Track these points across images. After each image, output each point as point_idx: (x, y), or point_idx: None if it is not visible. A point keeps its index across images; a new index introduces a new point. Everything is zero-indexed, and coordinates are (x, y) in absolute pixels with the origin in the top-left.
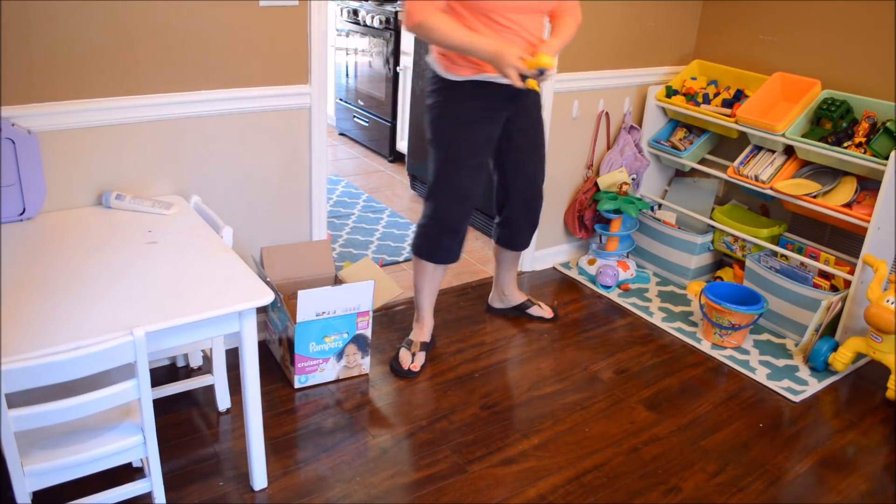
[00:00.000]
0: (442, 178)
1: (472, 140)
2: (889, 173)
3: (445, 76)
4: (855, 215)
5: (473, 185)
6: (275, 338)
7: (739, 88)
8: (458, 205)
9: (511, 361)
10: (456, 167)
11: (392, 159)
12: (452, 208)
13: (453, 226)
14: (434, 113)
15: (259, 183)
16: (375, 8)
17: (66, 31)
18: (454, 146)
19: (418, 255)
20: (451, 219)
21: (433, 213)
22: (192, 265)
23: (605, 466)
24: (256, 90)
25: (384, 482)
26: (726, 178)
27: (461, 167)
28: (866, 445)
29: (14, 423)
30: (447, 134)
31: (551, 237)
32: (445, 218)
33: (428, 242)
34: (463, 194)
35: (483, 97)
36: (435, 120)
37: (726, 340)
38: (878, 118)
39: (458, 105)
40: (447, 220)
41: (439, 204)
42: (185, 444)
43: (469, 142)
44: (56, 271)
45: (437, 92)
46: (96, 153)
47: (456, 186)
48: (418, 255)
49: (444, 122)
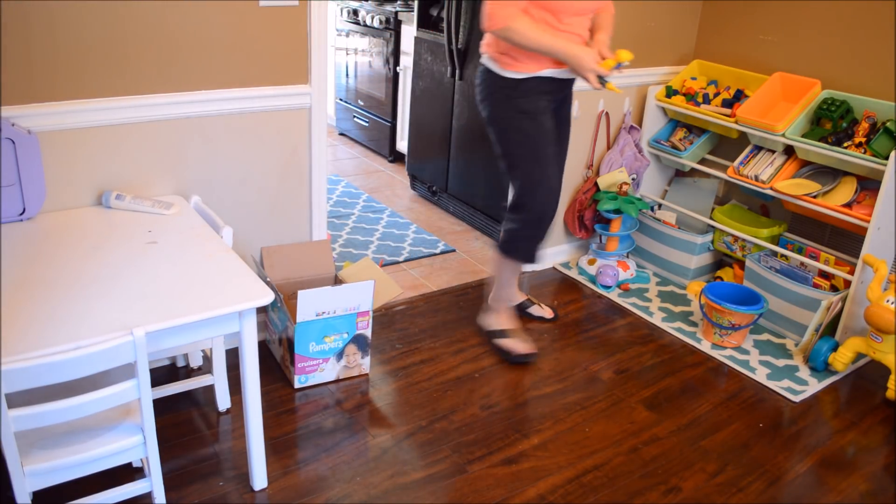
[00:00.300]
0: (529, 173)
1: (546, 130)
2: (889, 173)
3: (509, 75)
4: (855, 215)
5: (556, 174)
6: (275, 338)
7: (739, 88)
8: (551, 197)
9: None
10: (539, 161)
11: (392, 159)
12: (546, 202)
13: (549, 220)
14: (503, 113)
15: (259, 183)
16: (375, 8)
17: (66, 31)
18: (533, 140)
19: (514, 259)
20: (548, 213)
21: (529, 214)
22: (192, 265)
23: (605, 466)
24: (256, 90)
25: (384, 482)
26: (726, 178)
27: (539, 159)
28: (866, 445)
29: (14, 423)
30: (523, 130)
31: (551, 237)
32: (542, 215)
33: (526, 244)
34: (551, 185)
35: (543, 91)
36: (505, 120)
37: (726, 340)
38: (878, 118)
39: (526, 100)
40: (544, 216)
41: (534, 202)
42: (185, 444)
43: (543, 132)
44: (56, 271)
45: (501, 91)
46: (96, 153)
47: (545, 178)
48: (514, 259)
49: (517, 120)
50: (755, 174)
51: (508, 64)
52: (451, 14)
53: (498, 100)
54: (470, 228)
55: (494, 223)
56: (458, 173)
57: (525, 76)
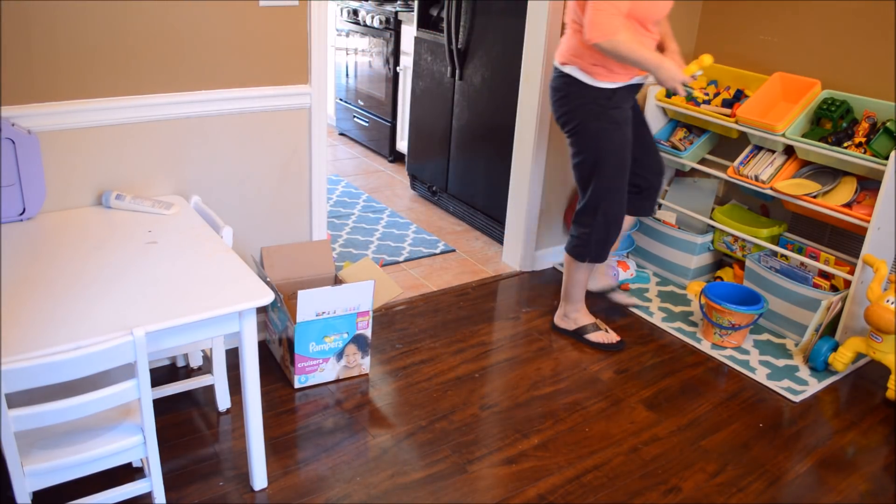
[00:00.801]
0: (609, 181)
1: (628, 140)
2: (889, 173)
3: (603, 85)
4: (855, 215)
5: (626, 181)
6: (275, 338)
7: (739, 88)
8: (622, 204)
9: (511, 361)
10: (620, 169)
11: (392, 159)
12: (619, 208)
13: (621, 223)
14: (595, 124)
15: (259, 183)
16: (375, 8)
17: (66, 31)
18: (620, 150)
19: (587, 261)
20: (619, 218)
21: (603, 218)
22: (192, 265)
23: (605, 466)
24: (256, 90)
25: (384, 482)
26: (726, 178)
27: (622, 167)
28: (866, 445)
29: (14, 423)
30: (614, 140)
31: (551, 237)
32: (615, 216)
33: (597, 247)
34: (623, 194)
35: (628, 98)
36: (597, 130)
37: (726, 340)
38: (878, 118)
39: (616, 109)
40: (616, 220)
41: (609, 207)
42: (185, 444)
43: (627, 142)
44: (56, 271)
45: (594, 102)
46: (96, 153)
47: (620, 187)
48: (587, 261)
49: (609, 131)
50: (755, 174)
51: (603, 75)
52: (451, 14)
53: (590, 110)
54: (470, 228)
55: (494, 223)
56: (458, 173)
57: (618, 86)
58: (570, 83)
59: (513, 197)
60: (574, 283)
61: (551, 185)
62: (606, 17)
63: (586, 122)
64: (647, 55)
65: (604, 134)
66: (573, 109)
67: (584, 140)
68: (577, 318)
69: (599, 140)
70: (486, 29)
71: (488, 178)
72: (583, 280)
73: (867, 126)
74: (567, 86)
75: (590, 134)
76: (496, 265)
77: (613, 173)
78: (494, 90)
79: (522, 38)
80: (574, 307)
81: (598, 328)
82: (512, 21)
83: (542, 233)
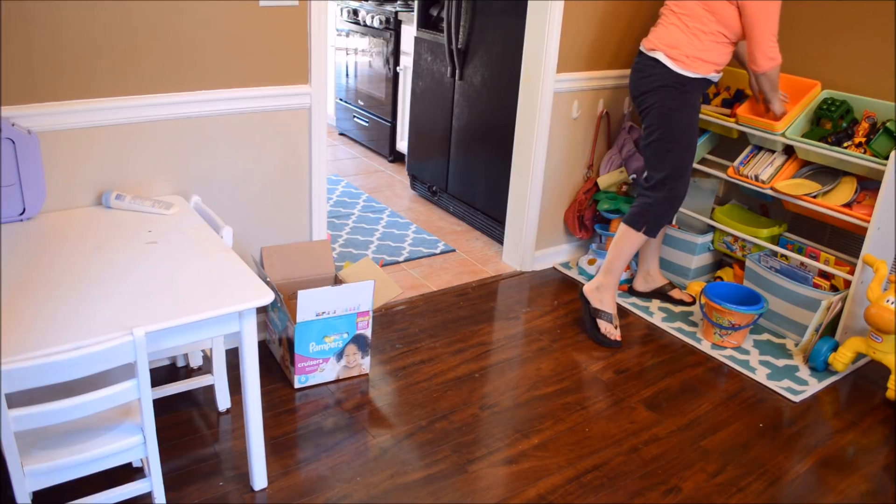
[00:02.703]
0: (680, 159)
1: (696, 125)
2: (889, 173)
3: (687, 74)
4: (855, 215)
5: (692, 162)
6: (275, 338)
7: (739, 88)
8: (686, 183)
9: (511, 361)
10: (690, 148)
11: (392, 159)
12: (683, 186)
13: (679, 202)
14: (668, 102)
15: (259, 183)
16: (375, 8)
17: (66, 31)
18: (690, 131)
19: (642, 230)
20: (681, 196)
21: (670, 193)
22: (192, 265)
23: (605, 466)
24: (256, 90)
25: (384, 482)
26: (726, 178)
27: (692, 147)
28: (866, 445)
29: (14, 423)
30: (687, 121)
31: (551, 237)
32: (680, 194)
33: (655, 220)
34: (688, 174)
35: (699, 88)
36: (675, 110)
37: (726, 340)
38: (878, 118)
39: (693, 96)
40: (678, 197)
41: (675, 183)
42: (185, 444)
43: (695, 126)
44: (56, 271)
45: (675, 87)
46: (96, 153)
47: (689, 165)
48: (642, 230)
49: (684, 112)
50: (755, 174)
51: (688, 65)
52: (451, 14)
53: (667, 93)
54: (470, 228)
55: (494, 223)
56: (458, 173)
57: (697, 76)
58: (653, 65)
59: (513, 197)
60: (620, 255)
61: (551, 185)
62: (776, 47)
63: (663, 101)
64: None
65: (677, 114)
66: (653, 89)
67: (659, 118)
68: (605, 299)
69: (672, 119)
70: (486, 29)
71: (488, 178)
72: (629, 254)
73: (867, 126)
74: (650, 67)
75: (664, 112)
76: (496, 265)
77: (684, 151)
78: (494, 90)
79: (522, 38)
80: (610, 282)
81: (612, 321)
82: (512, 21)
83: (542, 233)
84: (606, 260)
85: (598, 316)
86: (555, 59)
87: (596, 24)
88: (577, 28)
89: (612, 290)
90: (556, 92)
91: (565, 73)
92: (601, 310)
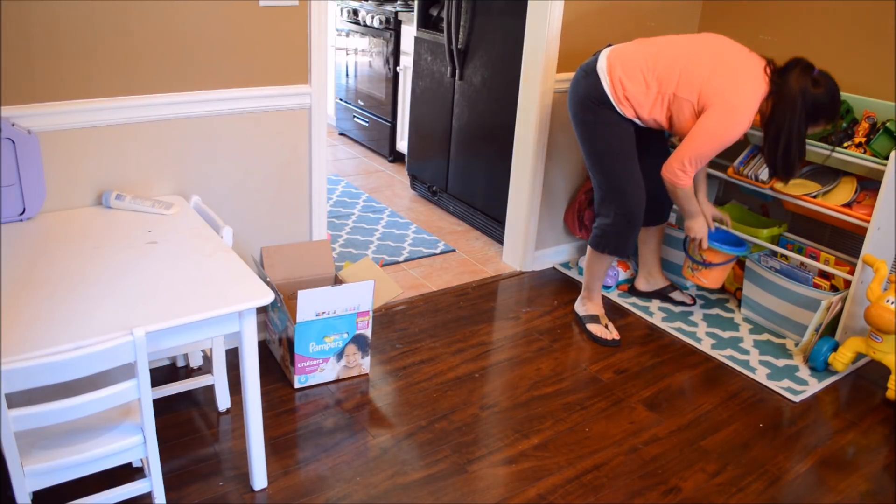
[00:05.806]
0: (610, 179)
1: (622, 140)
2: (889, 173)
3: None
4: (855, 215)
5: (638, 172)
6: (275, 338)
7: None
8: (634, 200)
9: (511, 361)
10: (618, 167)
11: (392, 159)
12: (630, 204)
13: (639, 216)
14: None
15: (259, 183)
16: (375, 8)
17: (66, 31)
18: (610, 149)
19: (606, 253)
20: (633, 212)
21: (619, 210)
22: (192, 265)
23: (605, 466)
24: (256, 90)
25: (384, 482)
26: (726, 178)
27: (621, 165)
28: (866, 445)
29: (14, 423)
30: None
31: (551, 237)
32: (631, 211)
33: (615, 240)
34: (632, 190)
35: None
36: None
37: (697, 276)
38: (878, 118)
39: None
40: (631, 215)
41: (620, 201)
42: (185, 444)
43: (619, 141)
44: (56, 271)
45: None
46: (96, 153)
47: (627, 181)
48: (606, 253)
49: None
50: (755, 174)
51: (619, 101)
52: (451, 14)
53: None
54: (470, 228)
55: (494, 223)
56: (458, 173)
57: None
58: (591, 83)
59: (513, 197)
60: (594, 276)
61: (551, 185)
62: (692, 171)
63: (583, 115)
64: (692, 205)
65: (595, 130)
66: (578, 103)
67: (580, 134)
68: (589, 306)
69: (593, 135)
70: (486, 29)
71: (488, 178)
72: (601, 272)
73: (867, 126)
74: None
75: (585, 128)
76: (496, 265)
77: (611, 170)
78: (494, 90)
79: (522, 38)
80: (591, 296)
81: (598, 321)
82: (512, 21)
83: (542, 233)
84: (584, 280)
85: (586, 321)
86: (555, 59)
87: (596, 24)
88: (577, 28)
89: (595, 299)
90: (556, 92)
91: (565, 73)
92: (586, 314)
